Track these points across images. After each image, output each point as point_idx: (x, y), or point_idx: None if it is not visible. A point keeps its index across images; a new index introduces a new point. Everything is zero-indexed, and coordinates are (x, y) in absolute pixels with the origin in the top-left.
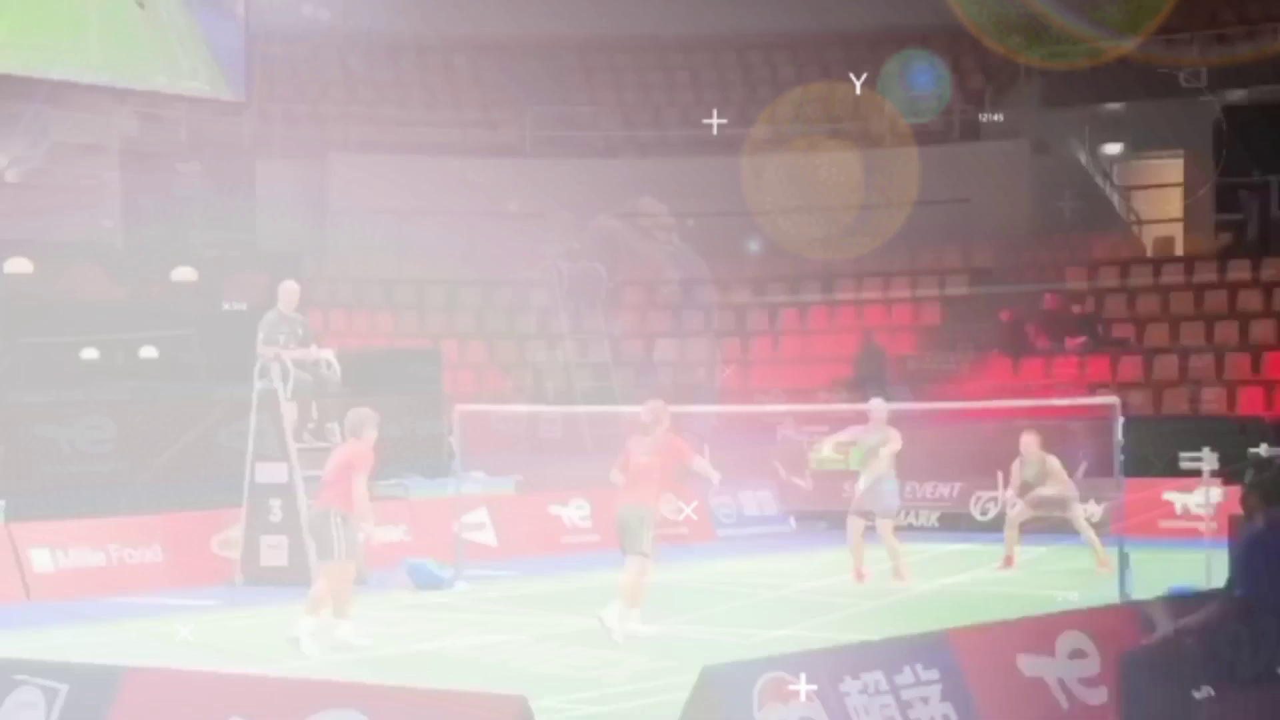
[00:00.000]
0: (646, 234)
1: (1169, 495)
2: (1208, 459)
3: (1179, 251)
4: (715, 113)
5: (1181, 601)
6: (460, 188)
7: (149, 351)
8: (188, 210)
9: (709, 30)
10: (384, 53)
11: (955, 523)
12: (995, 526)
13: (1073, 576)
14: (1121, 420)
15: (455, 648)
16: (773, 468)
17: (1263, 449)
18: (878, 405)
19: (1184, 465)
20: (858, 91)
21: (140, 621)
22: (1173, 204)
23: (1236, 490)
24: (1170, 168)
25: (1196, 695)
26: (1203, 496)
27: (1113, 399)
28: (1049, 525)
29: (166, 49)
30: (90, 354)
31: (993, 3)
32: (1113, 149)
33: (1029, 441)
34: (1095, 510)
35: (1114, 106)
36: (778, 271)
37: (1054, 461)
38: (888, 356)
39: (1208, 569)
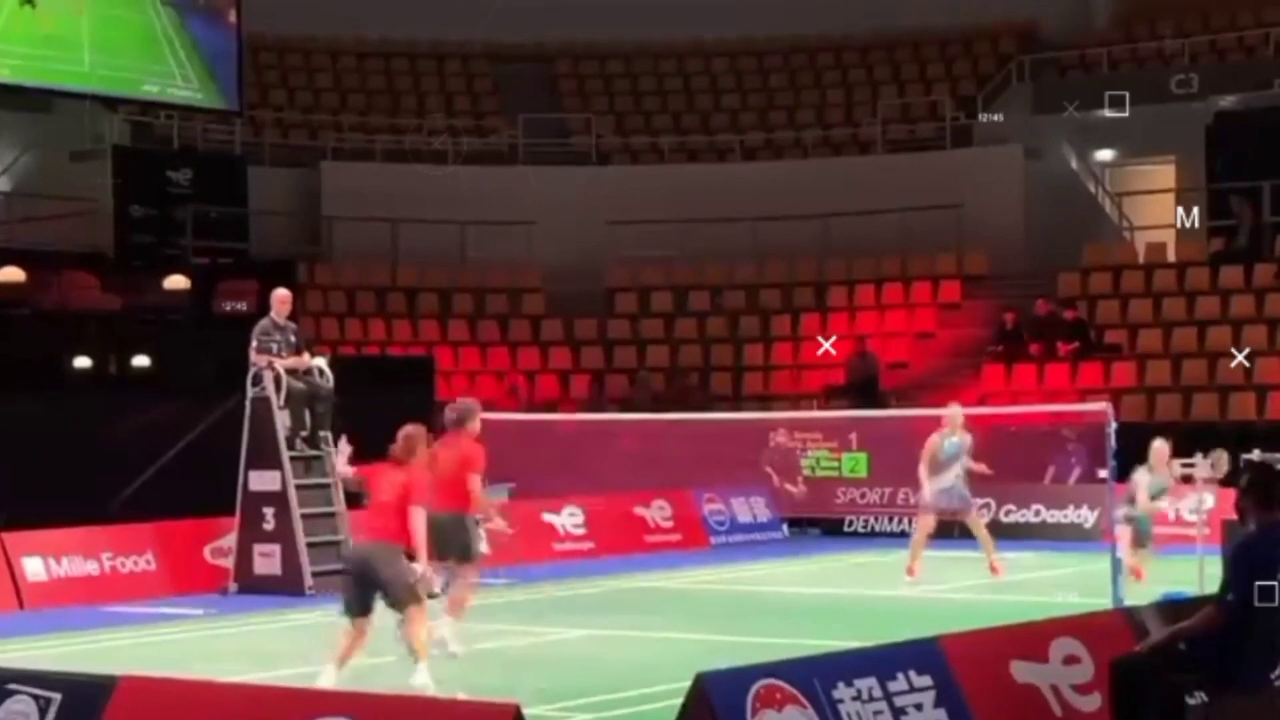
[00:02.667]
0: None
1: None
2: (1200, 465)
3: (1171, 257)
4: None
5: (1175, 607)
6: (453, 195)
7: (141, 359)
8: (180, 218)
9: (702, 36)
10: (376, 60)
11: (948, 528)
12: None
13: (1066, 580)
14: (1114, 426)
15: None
16: (765, 474)
17: (1255, 454)
18: (956, 409)
19: (1177, 471)
20: (851, 97)
21: (133, 630)
22: (1165, 210)
23: (1230, 495)
24: (1162, 173)
25: (1190, 701)
26: (1196, 502)
27: (1105, 405)
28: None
29: (158, 57)
30: (83, 362)
31: None
32: (1104, 155)
33: (1160, 450)
34: (1088, 516)
35: (1106, 112)
36: (770, 278)
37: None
38: (880, 363)
39: (1201, 575)
